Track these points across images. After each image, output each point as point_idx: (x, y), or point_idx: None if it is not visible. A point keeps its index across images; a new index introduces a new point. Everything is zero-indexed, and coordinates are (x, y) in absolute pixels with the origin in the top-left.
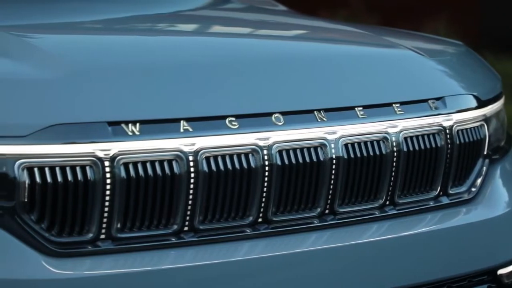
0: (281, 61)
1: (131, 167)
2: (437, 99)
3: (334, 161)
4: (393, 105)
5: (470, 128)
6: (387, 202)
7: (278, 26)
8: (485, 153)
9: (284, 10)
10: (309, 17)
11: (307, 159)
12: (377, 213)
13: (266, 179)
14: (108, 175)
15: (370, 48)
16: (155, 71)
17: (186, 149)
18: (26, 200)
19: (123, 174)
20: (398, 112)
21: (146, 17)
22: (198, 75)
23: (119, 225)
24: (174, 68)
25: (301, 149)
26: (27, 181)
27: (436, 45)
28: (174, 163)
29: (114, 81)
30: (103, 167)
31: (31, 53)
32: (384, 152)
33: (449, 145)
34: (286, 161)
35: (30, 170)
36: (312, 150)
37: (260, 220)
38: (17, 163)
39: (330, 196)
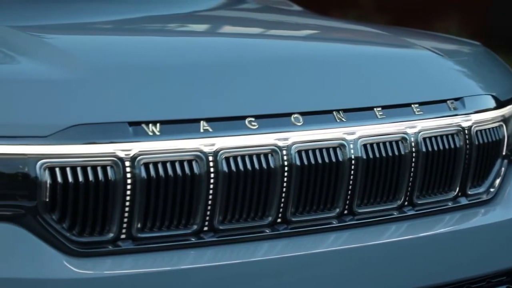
0: (300, 61)
1: (151, 167)
2: (456, 99)
3: (353, 162)
4: (412, 105)
5: (489, 129)
6: (406, 203)
7: (295, 26)
8: (503, 153)
9: (299, 10)
10: (325, 17)
11: (326, 160)
12: (395, 213)
13: (285, 179)
14: (128, 175)
15: (388, 48)
16: (175, 72)
17: (206, 149)
18: (47, 200)
19: (143, 174)
20: (417, 113)
21: (163, 18)
22: (218, 76)
23: (139, 225)
24: (194, 69)
25: (320, 150)
26: (48, 181)
27: (454, 45)
28: (194, 163)
29: (134, 81)
30: (124, 167)
31: (51, 53)
32: (402, 152)
33: (468, 146)
34: (305, 162)
35: (51, 170)
36: (331, 151)
37: (279, 220)
38: (39, 163)
39: (349, 197)
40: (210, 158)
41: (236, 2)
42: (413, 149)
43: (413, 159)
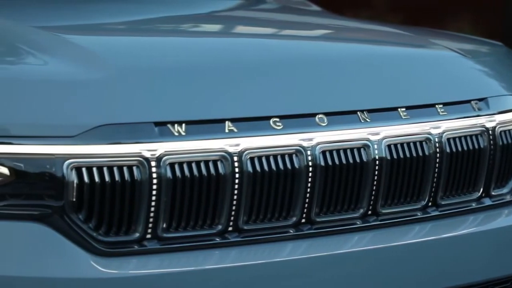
0: (325, 62)
1: (176, 167)
2: (480, 100)
3: (377, 162)
4: (436, 105)
5: None
6: (430, 203)
7: (317, 27)
8: None
9: (319, 11)
10: (345, 18)
11: (350, 160)
12: (419, 214)
13: (309, 179)
14: (154, 175)
15: (412, 48)
16: (201, 72)
17: (231, 149)
18: (74, 199)
19: (169, 174)
20: (441, 113)
21: (184, 18)
22: (243, 76)
23: (164, 225)
24: (219, 69)
25: (344, 150)
26: (75, 181)
27: (476, 45)
28: (219, 163)
29: (160, 82)
30: (150, 167)
31: (77, 54)
32: (427, 153)
33: (492, 146)
34: (330, 162)
35: (78, 170)
36: (355, 151)
37: (303, 220)
38: (66, 163)
39: (373, 197)
40: (235, 158)
41: (256, 2)
42: (437, 150)
43: (437, 160)
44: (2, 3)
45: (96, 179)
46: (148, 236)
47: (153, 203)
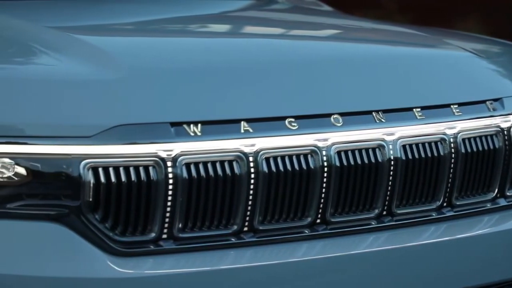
0: (339, 62)
1: (192, 167)
2: (495, 100)
3: (392, 162)
4: (451, 106)
5: None
6: (445, 204)
7: (330, 27)
8: None
9: (331, 11)
10: (358, 18)
11: (365, 160)
12: (434, 214)
13: (324, 180)
14: (170, 175)
15: (427, 48)
16: (216, 72)
17: (247, 149)
18: (91, 199)
19: (185, 174)
20: (456, 113)
21: (196, 18)
22: (259, 76)
23: (180, 225)
24: (235, 69)
25: (360, 150)
26: (92, 181)
27: (489, 46)
28: (234, 163)
29: (176, 82)
30: (166, 167)
31: (93, 54)
32: (442, 153)
33: (507, 147)
34: (345, 162)
35: (94, 170)
36: (371, 151)
37: (318, 221)
38: (83, 163)
39: (388, 197)
40: (251, 159)
41: (268, 2)
42: (452, 150)
43: (452, 160)
44: (16, 4)
45: (113, 179)
46: (164, 236)
47: (169, 203)
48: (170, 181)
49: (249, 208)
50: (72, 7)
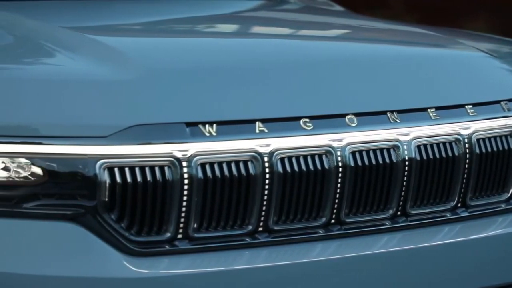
0: (354, 62)
1: (207, 167)
2: (510, 100)
3: (406, 163)
4: (466, 106)
5: None
6: (459, 204)
7: (344, 27)
8: None
9: (342, 11)
10: (370, 18)
11: (380, 161)
12: (448, 215)
13: (339, 180)
14: (185, 175)
15: (441, 49)
16: (231, 73)
17: (262, 150)
18: (106, 199)
19: (200, 174)
20: (470, 114)
21: (209, 18)
22: (273, 77)
23: (195, 225)
24: (250, 70)
25: (374, 151)
26: (108, 181)
27: (502, 46)
28: (249, 163)
29: (191, 83)
30: (181, 167)
31: (109, 54)
32: (456, 153)
33: None
34: (359, 163)
35: (110, 170)
36: (385, 152)
37: (333, 221)
38: (99, 163)
39: (402, 198)
40: (266, 159)
41: (279, 2)
42: (467, 150)
43: (467, 161)
44: (30, 5)
45: (128, 179)
46: (179, 236)
47: (184, 203)
48: (186, 181)
49: (264, 208)
50: (84, 7)
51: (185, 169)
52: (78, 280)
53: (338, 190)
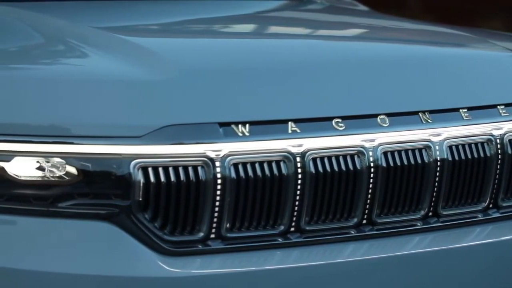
0: (385, 62)
1: (240, 167)
2: None
3: (438, 163)
4: (498, 107)
5: None
6: (491, 205)
7: (371, 27)
8: None
9: (367, 10)
10: (396, 18)
11: (412, 161)
12: (480, 216)
13: (371, 180)
14: (218, 175)
15: (472, 49)
16: (264, 73)
17: (294, 150)
18: (140, 199)
19: (233, 174)
20: (502, 114)
21: (236, 18)
22: (305, 77)
23: (228, 225)
24: (282, 70)
25: (406, 151)
26: (142, 181)
27: None
28: (282, 164)
29: (224, 83)
30: (214, 167)
31: (142, 55)
32: (488, 154)
33: None
34: (391, 163)
35: (144, 170)
36: (417, 152)
37: (364, 221)
38: (133, 163)
39: (433, 199)
40: (298, 159)
41: (305, 2)
42: (499, 151)
43: (499, 161)
44: (57, 6)
45: (162, 179)
46: (212, 235)
47: (217, 203)
48: (219, 181)
49: (296, 208)
50: (107, 8)
51: (218, 169)
52: (112, 279)
53: (369, 191)
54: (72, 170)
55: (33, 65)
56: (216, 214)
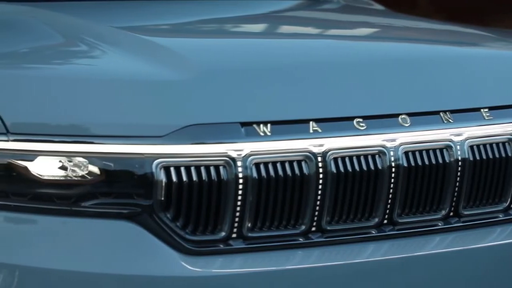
0: (406, 62)
1: (262, 167)
2: None
3: (459, 163)
4: None
5: None
6: None
7: (389, 27)
8: None
9: (383, 10)
10: (413, 17)
11: (433, 161)
12: (501, 216)
13: (392, 180)
14: (240, 175)
15: (492, 49)
16: (285, 73)
17: (315, 150)
18: (162, 198)
19: (254, 174)
20: None
21: (254, 18)
22: (327, 77)
23: (249, 225)
24: (303, 70)
25: (427, 151)
26: (164, 180)
27: None
28: (303, 163)
29: (246, 83)
30: (236, 167)
31: (164, 55)
32: (509, 154)
33: None
34: (412, 163)
35: (166, 169)
36: (438, 152)
37: (385, 221)
38: (155, 162)
39: (454, 199)
40: (319, 159)
41: (321, 1)
42: None
43: None
44: (77, 5)
45: (184, 178)
46: (234, 235)
47: (239, 203)
48: (240, 180)
49: (317, 208)
50: (127, 8)
51: (239, 169)
52: (134, 278)
53: (391, 191)
54: (95, 169)
55: (55, 65)
56: (237, 214)
